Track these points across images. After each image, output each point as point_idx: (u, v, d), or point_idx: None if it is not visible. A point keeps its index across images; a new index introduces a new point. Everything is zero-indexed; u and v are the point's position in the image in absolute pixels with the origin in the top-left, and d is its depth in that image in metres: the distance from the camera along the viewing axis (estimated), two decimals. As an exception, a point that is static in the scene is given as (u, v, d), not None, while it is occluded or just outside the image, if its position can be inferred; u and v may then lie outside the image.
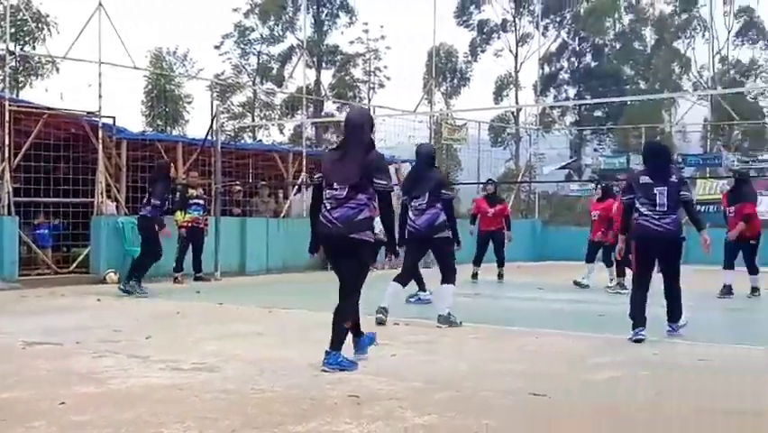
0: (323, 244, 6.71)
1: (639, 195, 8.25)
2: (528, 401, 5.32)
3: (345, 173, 6.41)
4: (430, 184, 9.12)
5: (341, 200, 6.41)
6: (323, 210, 6.53)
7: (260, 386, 5.68)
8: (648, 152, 8.76)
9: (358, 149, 6.45)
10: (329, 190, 6.47)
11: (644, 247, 8.26)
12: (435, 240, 9.09)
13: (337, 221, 6.41)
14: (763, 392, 5.72)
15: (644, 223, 8.20)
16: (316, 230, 6.68)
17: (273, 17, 43.26)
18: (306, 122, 26.94)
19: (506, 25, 45.31)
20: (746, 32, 41.19)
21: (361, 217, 6.40)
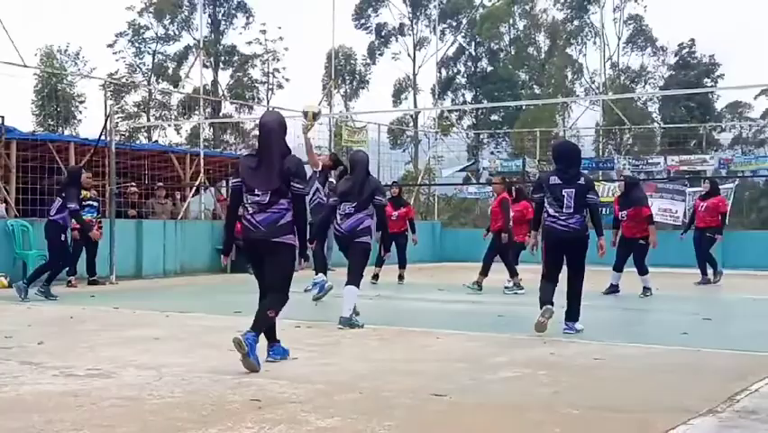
0: (246, 248, 6.79)
1: (548, 195, 8.53)
2: (429, 402, 5.35)
3: (266, 179, 6.53)
4: (367, 190, 9.22)
5: (263, 205, 6.55)
6: (246, 215, 6.64)
7: (159, 392, 5.55)
8: (558, 152, 9.01)
9: (276, 154, 6.55)
10: (250, 196, 6.59)
11: (552, 247, 8.60)
12: (356, 243, 9.18)
13: (261, 225, 6.56)
14: (656, 391, 5.88)
15: (551, 224, 8.51)
16: (242, 234, 6.75)
17: (169, 16, 42.58)
18: (203, 122, 26.56)
19: (403, 29, 45.66)
20: (636, 39, 42.53)
21: (284, 222, 6.57)
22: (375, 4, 45.56)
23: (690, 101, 36.39)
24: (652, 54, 42.63)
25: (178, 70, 42.92)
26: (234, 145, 40.23)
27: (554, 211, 8.50)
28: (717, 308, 12.26)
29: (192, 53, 41.20)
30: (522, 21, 44.92)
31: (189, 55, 42.04)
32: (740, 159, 25.37)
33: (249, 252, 6.83)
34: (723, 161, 24.05)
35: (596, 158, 26.25)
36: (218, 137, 40.36)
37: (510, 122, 40.70)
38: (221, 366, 6.50)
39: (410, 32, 45.78)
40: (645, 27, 42.37)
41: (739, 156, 26.99)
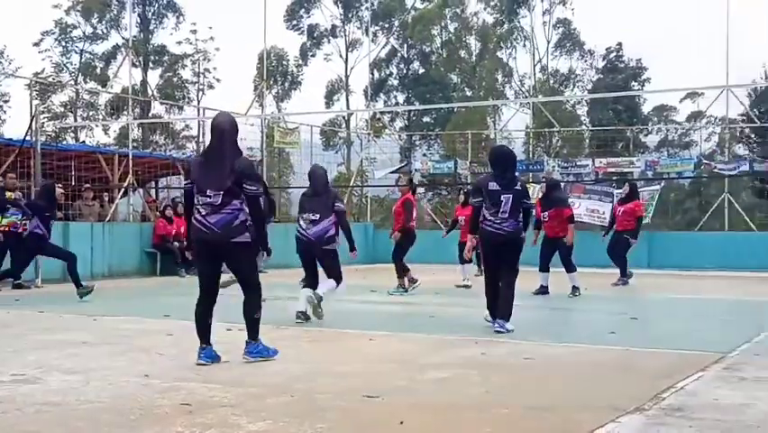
0: (199, 248, 6.85)
1: (486, 200, 8.85)
2: (362, 403, 5.35)
3: (217, 181, 6.61)
4: (328, 201, 9.98)
5: (216, 207, 6.63)
6: (197, 216, 6.73)
7: (87, 397, 5.45)
8: (495, 157, 9.29)
9: (227, 156, 6.65)
10: (202, 197, 6.67)
11: (488, 249, 9.00)
12: (324, 250, 9.93)
13: (215, 227, 6.65)
14: (585, 389, 5.97)
15: (487, 227, 8.88)
16: (192, 234, 6.89)
17: (97, 15, 41.86)
18: (132, 123, 26.14)
19: (335, 30, 45.62)
20: (564, 42, 43.17)
21: (238, 222, 6.69)
22: (307, 5, 45.43)
23: (618, 104, 37.06)
24: (580, 58, 43.32)
25: (106, 70, 42.23)
26: (164, 146, 39.73)
27: (490, 215, 8.86)
28: (643, 307, 12.49)
29: (120, 53, 40.58)
30: (453, 23, 45.23)
31: (118, 54, 41.41)
32: (666, 161, 25.89)
33: (201, 252, 6.85)
34: (649, 163, 24.54)
35: (526, 160, 26.57)
36: (147, 138, 39.80)
37: (442, 124, 40.95)
38: (150, 370, 6.41)
39: (342, 34, 45.77)
40: (574, 31, 43.03)
41: (665, 158, 27.56)
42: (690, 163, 25.05)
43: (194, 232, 6.80)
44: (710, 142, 35.88)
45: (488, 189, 8.88)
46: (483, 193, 8.93)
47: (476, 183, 9.82)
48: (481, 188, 9.02)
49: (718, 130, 32.14)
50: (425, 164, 27.80)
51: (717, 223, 24.11)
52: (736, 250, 21.18)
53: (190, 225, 6.95)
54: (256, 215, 6.85)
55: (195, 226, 6.76)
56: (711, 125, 35.08)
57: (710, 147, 34.76)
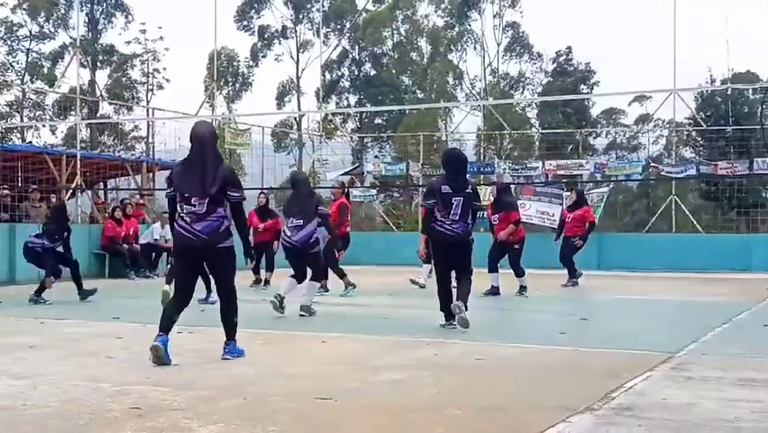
0: (185, 254, 6.99)
1: (438, 202, 9.07)
2: (314, 405, 5.33)
3: (202, 189, 6.76)
4: (311, 206, 10.58)
5: (201, 215, 6.79)
6: (181, 222, 6.86)
7: (34, 402, 5.36)
8: (447, 159, 9.59)
9: (210, 163, 6.82)
10: (186, 205, 6.80)
11: (440, 249, 9.25)
12: (310, 254, 10.57)
13: (201, 233, 6.81)
14: (535, 390, 6.02)
15: (438, 228, 9.11)
16: (175, 240, 7.06)
17: (44, 13, 41.22)
18: (79, 123, 25.79)
19: (285, 32, 45.44)
20: (514, 46, 43.47)
21: (223, 228, 6.89)
22: (257, 5, 45.19)
23: (567, 107, 37.46)
24: (529, 61, 43.66)
25: (53, 69, 41.59)
26: (113, 147, 39.26)
27: (441, 216, 9.08)
28: (593, 308, 12.64)
29: (68, 52, 40.00)
30: (404, 25, 45.30)
31: (65, 54, 40.81)
32: (614, 163, 26.23)
33: (184, 259, 7.02)
34: (598, 165, 24.85)
35: (477, 162, 26.72)
36: (95, 138, 39.27)
37: (394, 126, 41.00)
38: (99, 374, 6.33)
39: (293, 35, 45.62)
40: (522, 34, 43.34)
41: (614, 161, 27.91)
42: (639, 166, 25.43)
43: (178, 239, 6.93)
44: (658, 145, 36.50)
45: (440, 192, 9.08)
46: (436, 195, 9.11)
47: (429, 185, 10.01)
48: (434, 190, 9.21)
49: (666, 133, 32.66)
50: (376, 166, 27.83)
51: (665, 225, 24.50)
52: (683, 251, 21.54)
53: (174, 232, 7.05)
54: (240, 221, 7.15)
55: (179, 233, 6.89)
56: (659, 128, 35.65)
57: (658, 150, 35.35)
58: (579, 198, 16.61)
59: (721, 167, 23.06)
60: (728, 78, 33.89)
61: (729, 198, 25.70)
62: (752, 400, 5.46)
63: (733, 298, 13.71)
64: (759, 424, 4.81)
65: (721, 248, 21.58)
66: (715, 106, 32.20)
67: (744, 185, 24.95)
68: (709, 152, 27.68)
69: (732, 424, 4.80)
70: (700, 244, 21.99)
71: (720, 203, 27.94)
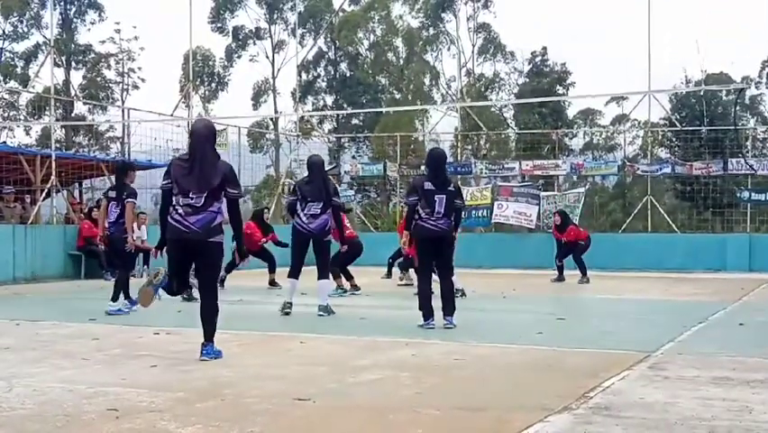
0: (176, 247, 7.13)
1: (422, 199, 9.20)
2: (293, 406, 5.32)
3: (202, 183, 6.94)
4: (327, 193, 10.59)
5: (198, 208, 6.96)
6: (175, 215, 7.02)
7: (10, 404, 5.31)
8: (430, 159, 9.75)
9: (209, 160, 7.02)
10: (183, 198, 6.97)
11: (425, 245, 9.37)
12: (324, 242, 10.64)
13: (195, 226, 6.96)
14: (514, 389, 6.04)
15: (423, 224, 9.25)
16: (168, 234, 7.13)
17: (16, 13, 40.86)
18: (54, 123, 25.59)
19: (259, 32, 45.31)
20: (488, 47, 43.55)
21: (216, 224, 7.04)
22: (231, 6, 45.02)
23: (544, 108, 37.56)
24: (502, 61, 43.74)
25: (27, 69, 41.25)
26: (88, 147, 38.98)
27: (426, 214, 9.22)
28: (570, 308, 12.70)
29: (42, 52, 39.68)
30: (380, 26, 45.26)
31: (39, 53, 40.48)
32: (590, 164, 26.37)
33: (176, 251, 7.15)
34: (574, 165, 24.96)
35: (454, 162, 26.75)
36: (70, 138, 39.00)
37: (371, 126, 40.97)
38: (75, 376, 6.29)
39: (267, 35, 45.48)
40: (496, 36, 43.44)
41: (590, 161, 28.05)
42: (614, 166, 25.58)
43: (171, 231, 7.05)
44: (634, 146, 36.67)
45: (423, 189, 9.23)
46: (419, 193, 9.24)
47: (412, 183, 10.12)
48: (417, 188, 9.35)
49: (641, 134, 32.83)
50: (354, 166, 27.81)
51: (641, 225, 24.65)
52: (659, 251, 21.70)
53: (166, 224, 7.14)
54: (236, 218, 7.33)
55: (173, 226, 7.03)
56: (635, 129, 35.84)
57: (634, 150, 35.50)
58: (563, 220, 17.39)
59: (696, 167, 23.24)
60: (702, 79, 34.16)
61: (704, 198, 25.89)
62: (728, 398, 5.50)
63: (708, 297, 13.82)
64: (735, 422, 4.85)
65: (697, 248, 21.76)
66: (689, 107, 32.44)
67: (718, 185, 25.15)
68: (684, 153, 27.87)
69: (708, 423, 4.83)
70: (676, 244, 22.16)
71: (695, 203, 28.15)
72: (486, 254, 21.68)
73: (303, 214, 10.53)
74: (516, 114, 40.69)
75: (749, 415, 5.04)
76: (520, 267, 17.51)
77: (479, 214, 23.23)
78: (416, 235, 9.39)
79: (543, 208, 22.69)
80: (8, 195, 18.58)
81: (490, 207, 23.04)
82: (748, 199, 22.71)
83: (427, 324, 9.20)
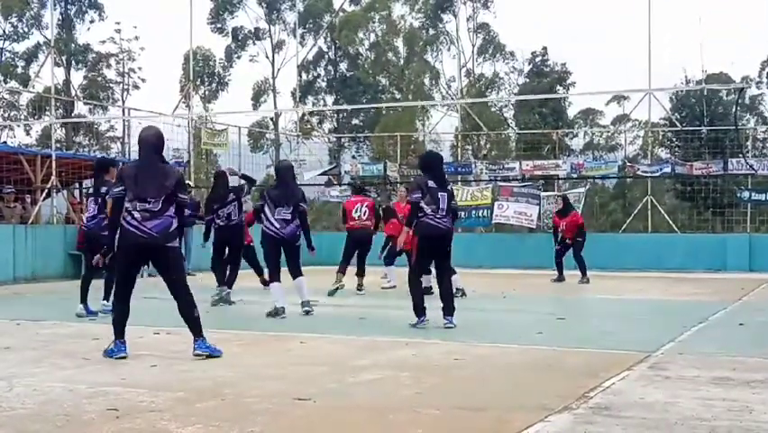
0: (133, 251, 7.25)
1: (427, 197, 9.25)
2: (293, 406, 5.32)
3: (158, 188, 7.14)
4: (296, 198, 10.61)
5: (155, 213, 7.12)
6: (131, 221, 7.13)
7: (10, 404, 5.31)
8: (429, 161, 9.88)
9: (160, 166, 7.31)
10: (140, 204, 7.11)
11: (429, 242, 9.41)
12: (297, 246, 10.64)
13: (153, 231, 7.12)
14: (514, 389, 6.04)
15: (428, 221, 9.30)
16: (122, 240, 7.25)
17: (16, 13, 40.85)
18: (54, 123, 25.58)
19: (259, 33, 45.31)
20: (487, 47, 43.56)
21: (173, 228, 7.24)
22: (230, 7, 45.01)
23: (544, 108, 37.56)
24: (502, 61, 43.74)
25: (27, 69, 41.25)
26: (88, 147, 38.99)
27: (431, 211, 9.25)
28: (570, 308, 12.69)
29: (42, 51, 39.68)
30: (381, 26, 45.26)
31: (39, 53, 40.48)
32: (591, 164, 26.34)
33: (133, 256, 7.29)
34: (575, 165, 24.93)
35: (454, 162, 26.74)
36: (71, 138, 39.00)
37: (371, 126, 40.97)
38: (75, 376, 6.29)
39: (266, 35, 45.47)
40: (496, 36, 43.45)
41: (590, 161, 28.03)
42: (615, 166, 25.54)
43: (128, 237, 7.15)
44: (634, 146, 36.66)
45: (428, 187, 9.29)
46: (424, 190, 9.29)
47: (415, 181, 10.13)
48: (422, 185, 9.37)
49: (642, 134, 32.82)
50: (354, 166, 27.78)
51: (641, 224, 24.63)
52: (659, 251, 21.67)
53: (119, 230, 7.24)
54: (182, 222, 7.44)
55: (129, 231, 7.13)
56: (635, 129, 35.81)
57: (634, 150, 35.50)
58: (566, 205, 17.27)
59: (696, 167, 23.20)
60: (703, 79, 34.15)
61: (704, 198, 25.88)
62: (728, 398, 5.50)
63: (709, 297, 13.81)
64: (735, 423, 4.85)
65: (697, 248, 21.73)
66: (690, 107, 32.45)
67: (718, 185, 25.14)
68: (684, 153, 27.85)
69: (709, 423, 4.83)
70: (676, 244, 22.13)
71: (696, 203, 28.14)
72: (486, 254, 21.67)
73: (274, 219, 10.49)
74: (516, 114, 40.69)
75: (749, 415, 5.04)
76: (520, 267, 17.51)
77: (479, 214, 23.22)
78: (420, 233, 9.40)
79: (543, 208, 22.67)
80: (8, 195, 18.57)
81: (491, 207, 23.03)
82: (748, 199, 22.68)
83: (420, 322, 9.25)
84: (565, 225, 16.82)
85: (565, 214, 16.94)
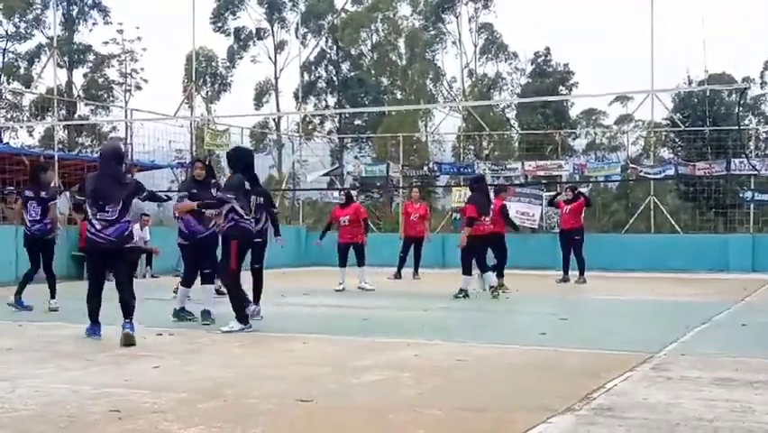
0: (95, 255, 8.28)
1: (240, 198, 9.02)
2: (294, 407, 5.32)
3: (116, 198, 8.04)
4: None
5: (113, 221, 8.05)
6: (91, 229, 8.10)
7: (13, 405, 5.32)
8: (244, 158, 9.46)
9: (118, 178, 8.22)
10: (100, 213, 8.02)
11: (244, 245, 9.20)
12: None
13: (112, 237, 8.07)
14: (516, 390, 6.04)
15: (244, 225, 9.11)
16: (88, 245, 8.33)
17: (19, 13, 40.89)
18: (57, 124, 25.61)
19: (260, 32, 45.33)
20: (490, 47, 43.56)
21: (128, 232, 8.29)
22: (232, 7, 45.04)
23: (546, 108, 37.51)
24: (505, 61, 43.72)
25: (29, 70, 41.28)
26: (90, 148, 39.00)
27: (245, 214, 9.12)
28: (573, 308, 12.69)
29: (44, 52, 39.71)
30: (383, 26, 45.24)
31: (42, 54, 40.50)
32: (593, 164, 26.33)
33: (97, 259, 8.33)
34: (577, 166, 24.93)
35: (457, 163, 26.75)
36: (73, 139, 39.02)
37: (373, 127, 40.95)
38: (79, 377, 6.30)
39: (267, 35, 45.49)
40: (498, 36, 43.43)
41: (593, 162, 28.02)
42: (617, 167, 25.53)
43: (91, 242, 8.15)
44: (637, 146, 36.64)
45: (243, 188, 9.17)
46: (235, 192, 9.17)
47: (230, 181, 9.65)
48: (236, 187, 9.19)
49: (644, 134, 32.80)
50: (357, 167, 27.79)
51: (644, 225, 24.61)
52: (662, 252, 21.66)
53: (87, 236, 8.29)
54: None
55: (91, 239, 8.14)
56: (638, 129, 35.78)
57: (637, 150, 35.47)
58: (575, 196, 17.08)
59: (699, 167, 23.19)
60: (705, 79, 34.11)
61: (707, 198, 25.84)
62: (730, 399, 5.49)
63: (711, 298, 13.80)
64: (737, 423, 4.85)
65: (699, 248, 21.72)
66: (692, 107, 32.38)
67: (721, 185, 25.10)
68: (687, 153, 27.80)
69: (711, 424, 4.83)
70: (679, 245, 22.12)
71: (698, 203, 28.10)
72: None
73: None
74: (518, 114, 40.65)
75: (752, 416, 5.04)
76: (523, 267, 17.47)
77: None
78: (235, 237, 9.02)
79: (545, 209, 22.68)
80: (11, 196, 18.58)
81: (493, 208, 23.00)
82: (751, 200, 22.68)
83: (248, 328, 8.92)
84: (569, 209, 16.68)
85: (573, 201, 16.85)
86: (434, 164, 27.48)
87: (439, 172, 26.44)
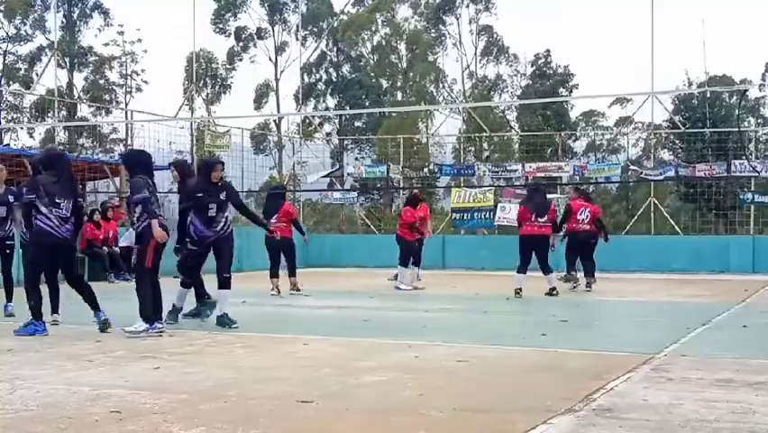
0: (51, 250, 8.85)
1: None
2: (296, 408, 5.32)
3: (69, 197, 8.76)
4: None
5: (67, 218, 8.76)
6: (48, 223, 8.66)
7: (13, 406, 5.32)
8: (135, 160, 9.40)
9: (69, 178, 8.99)
10: (56, 210, 8.66)
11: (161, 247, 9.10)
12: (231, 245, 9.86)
13: (65, 234, 8.79)
14: (517, 391, 6.03)
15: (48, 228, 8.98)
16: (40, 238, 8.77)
17: (20, 15, 40.93)
18: (57, 125, 25.62)
19: (261, 33, 45.35)
20: (490, 49, 43.61)
21: (74, 230, 9.01)
22: (233, 8, 45.07)
23: (547, 110, 37.53)
24: (505, 63, 43.77)
25: (30, 71, 41.32)
26: (91, 149, 39.01)
27: None
28: (573, 310, 12.67)
29: (45, 54, 39.76)
30: (384, 28, 45.29)
31: (42, 56, 40.55)
32: (594, 166, 26.35)
33: (50, 254, 8.87)
34: (577, 167, 24.93)
35: (457, 164, 26.76)
36: (74, 141, 39.02)
37: (374, 128, 40.99)
38: (79, 377, 6.29)
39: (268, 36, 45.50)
40: (499, 39, 43.48)
41: (593, 163, 28.03)
42: (618, 168, 25.55)
43: (47, 236, 8.63)
44: (637, 148, 36.64)
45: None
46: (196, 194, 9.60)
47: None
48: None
49: (645, 135, 32.81)
50: (357, 168, 27.81)
51: (644, 226, 24.61)
52: (662, 253, 21.67)
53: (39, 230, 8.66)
54: (81, 223, 9.41)
55: (47, 232, 8.62)
56: (638, 131, 35.80)
57: (637, 152, 35.47)
58: (586, 198, 16.68)
59: (699, 169, 23.20)
60: (705, 81, 34.12)
61: (707, 199, 25.85)
62: (731, 400, 5.49)
63: (712, 299, 13.81)
64: (738, 424, 4.85)
65: (700, 250, 21.73)
66: (692, 109, 32.38)
67: (721, 187, 25.12)
68: (687, 155, 27.81)
69: (711, 424, 4.83)
70: (679, 246, 22.13)
71: (698, 205, 28.10)
72: (489, 256, 21.64)
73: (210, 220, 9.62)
74: (519, 116, 40.70)
75: (752, 417, 5.04)
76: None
77: (482, 216, 23.23)
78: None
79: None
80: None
81: (493, 210, 23.04)
82: (751, 201, 22.68)
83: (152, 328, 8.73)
84: (588, 214, 15.79)
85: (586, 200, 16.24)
86: (435, 166, 27.50)
87: (439, 174, 26.46)
